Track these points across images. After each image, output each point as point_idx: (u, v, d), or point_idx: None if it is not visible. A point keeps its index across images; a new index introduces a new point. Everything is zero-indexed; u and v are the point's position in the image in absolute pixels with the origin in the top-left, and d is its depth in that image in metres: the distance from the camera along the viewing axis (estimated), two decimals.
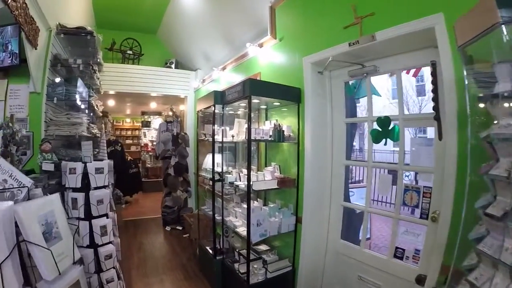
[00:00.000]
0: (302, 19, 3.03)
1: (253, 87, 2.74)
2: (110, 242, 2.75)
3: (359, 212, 3.03)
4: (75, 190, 2.58)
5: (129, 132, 12.59)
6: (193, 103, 6.60)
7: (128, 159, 7.76)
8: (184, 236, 5.42)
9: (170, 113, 6.99)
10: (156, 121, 10.43)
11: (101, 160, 3.00)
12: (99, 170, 2.68)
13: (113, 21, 6.30)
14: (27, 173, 2.54)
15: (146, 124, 11.00)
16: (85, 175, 2.61)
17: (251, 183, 2.72)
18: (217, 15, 4.63)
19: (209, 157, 3.88)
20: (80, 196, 2.56)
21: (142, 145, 11.23)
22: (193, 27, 5.44)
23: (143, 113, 10.86)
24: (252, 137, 2.76)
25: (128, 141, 12.12)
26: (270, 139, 2.94)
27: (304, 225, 2.90)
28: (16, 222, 1.18)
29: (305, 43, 2.94)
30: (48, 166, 2.64)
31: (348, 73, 2.65)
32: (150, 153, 10.60)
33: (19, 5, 2.24)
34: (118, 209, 5.60)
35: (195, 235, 4.40)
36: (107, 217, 2.77)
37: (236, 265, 3.08)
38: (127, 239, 5.25)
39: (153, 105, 9.31)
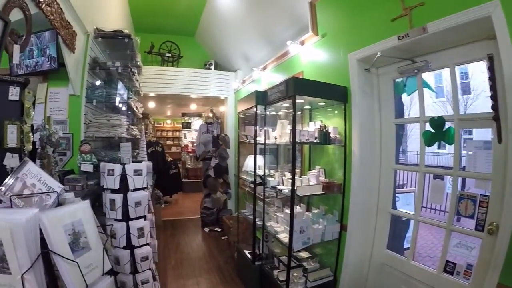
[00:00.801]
0: (344, 13, 2.84)
1: (297, 86, 2.59)
2: (147, 244, 2.73)
3: (405, 219, 2.78)
4: (113, 191, 2.59)
5: (169, 133, 12.96)
6: (233, 104, 6.55)
7: (169, 160, 7.88)
8: (223, 238, 5.37)
9: (210, 115, 7.01)
10: (197, 123, 10.55)
11: (140, 161, 2.98)
12: (137, 172, 2.67)
13: (151, 25, 6.43)
14: (66, 173, 2.59)
15: (187, 126, 11.16)
16: (124, 177, 2.60)
17: (295, 188, 2.57)
18: (255, 14, 4.51)
19: (250, 159, 3.78)
20: (118, 198, 2.56)
21: (183, 146, 11.43)
22: (230, 27, 5.38)
23: (184, 115, 11.02)
24: (297, 139, 2.59)
25: (168, 142, 12.47)
26: (315, 141, 2.76)
27: (349, 233, 2.69)
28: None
29: (350, 38, 2.74)
30: (87, 167, 2.66)
31: (397, 70, 2.41)
32: (191, 154, 10.74)
33: (54, 9, 2.26)
34: (157, 209, 5.71)
35: (234, 238, 4.30)
36: (145, 219, 2.75)
37: (275, 272, 2.96)
38: (165, 239, 5.31)
39: (193, 107, 9.44)
